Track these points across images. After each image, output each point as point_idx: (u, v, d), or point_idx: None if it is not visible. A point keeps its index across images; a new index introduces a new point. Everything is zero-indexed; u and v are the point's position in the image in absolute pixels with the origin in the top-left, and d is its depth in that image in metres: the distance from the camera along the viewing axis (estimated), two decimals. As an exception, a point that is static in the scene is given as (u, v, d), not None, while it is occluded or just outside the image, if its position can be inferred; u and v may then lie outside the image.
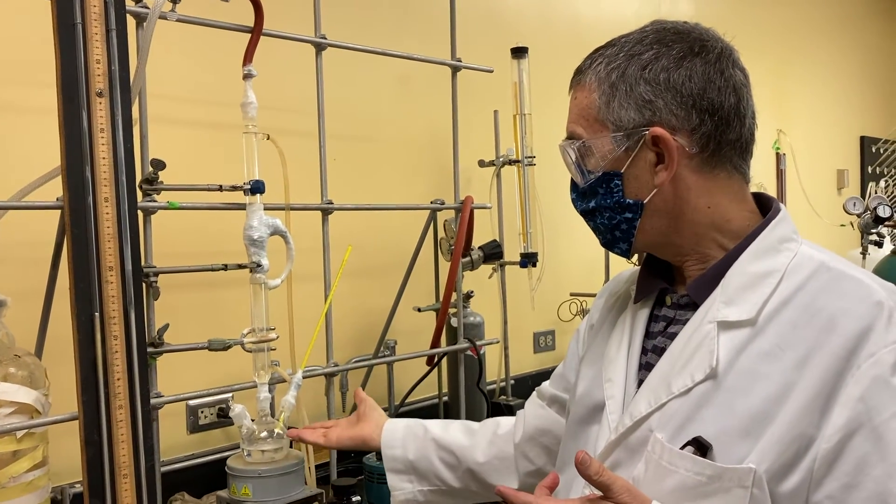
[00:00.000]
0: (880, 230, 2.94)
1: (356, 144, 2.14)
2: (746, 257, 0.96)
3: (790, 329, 0.89)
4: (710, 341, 0.92)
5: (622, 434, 0.97)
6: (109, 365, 1.17)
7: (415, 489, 1.31)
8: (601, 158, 0.99)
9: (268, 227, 1.42)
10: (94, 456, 1.16)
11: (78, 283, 1.14)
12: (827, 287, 0.91)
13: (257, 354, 1.42)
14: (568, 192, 1.09)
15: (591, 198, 1.02)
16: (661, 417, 0.93)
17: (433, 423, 1.35)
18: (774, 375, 0.87)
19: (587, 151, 1.00)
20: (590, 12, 2.93)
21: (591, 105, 1.00)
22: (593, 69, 1.01)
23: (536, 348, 2.71)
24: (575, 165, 1.02)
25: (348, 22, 2.06)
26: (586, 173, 1.01)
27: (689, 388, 0.92)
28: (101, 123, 1.17)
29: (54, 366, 1.33)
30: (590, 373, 1.11)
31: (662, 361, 0.97)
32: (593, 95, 1.00)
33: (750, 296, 0.93)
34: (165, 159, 1.40)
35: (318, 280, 1.71)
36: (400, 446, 1.32)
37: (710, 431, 0.89)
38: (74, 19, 1.14)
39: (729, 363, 0.91)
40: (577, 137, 1.01)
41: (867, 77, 4.89)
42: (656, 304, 1.07)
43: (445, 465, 1.30)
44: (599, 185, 1.00)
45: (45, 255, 1.33)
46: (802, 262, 0.95)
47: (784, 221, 0.99)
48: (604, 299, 1.22)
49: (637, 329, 1.06)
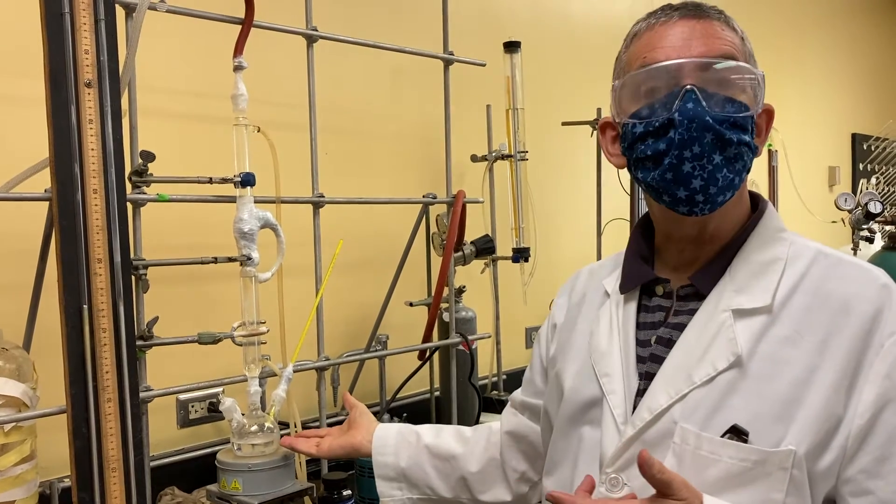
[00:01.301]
0: (871, 226, 2.95)
1: (348, 138, 2.13)
2: (750, 247, 0.99)
3: (804, 314, 0.93)
4: (727, 330, 0.94)
5: (641, 428, 0.95)
6: (98, 358, 1.16)
7: (404, 496, 1.30)
8: (756, 99, 0.96)
9: (258, 220, 1.42)
10: (82, 450, 1.15)
11: (66, 275, 1.13)
12: (830, 273, 0.95)
13: (248, 348, 1.41)
14: (559, 182, 1.07)
15: (740, 130, 0.93)
16: (683, 408, 0.93)
17: (425, 430, 1.33)
18: (797, 359, 0.90)
19: (752, 82, 0.95)
20: (582, 7, 2.93)
21: (742, 48, 0.98)
22: (732, 20, 0.99)
23: (529, 343, 2.71)
24: (734, 85, 0.94)
25: (340, 14, 2.05)
26: (742, 104, 0.94)
27: (711, 377, 0.93)
28: (90, 115, 1.16)
29: (42, 359, 1.32)
30: (573, 369, 1.09)
31: (676, 352, 0.97)
32: (741, 43, 0.98)
33: (760, 284, 0.95)
34: (155, 151, 1.39)
35: (310, 274, 1.70)
36: (392, 453, 1.30)
37: (741, 418, 0.90)
38: (62, 9, 1.12)
39: (751, 350, 0.92)
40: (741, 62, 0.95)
41: (858, 75, 4.90)
42: (643, 295, 1.06)
43: (438, 474, 1.29)
44: (751, 124, 0.95)
45: (33, 247, 1.32)
46: (800, 250, 0.98)
47: (774, 213, 1.03)
48: (565, 298, 1.21)
49: (628, 321, 1.05)
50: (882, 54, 5.21)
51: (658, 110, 0.94)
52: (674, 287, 1.03)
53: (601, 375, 1.03)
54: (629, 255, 1.09)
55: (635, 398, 0.99)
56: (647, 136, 0.95)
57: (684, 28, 0.95)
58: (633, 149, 0.97)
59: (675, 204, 0.95)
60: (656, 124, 0.93)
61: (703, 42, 0.94)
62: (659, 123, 0.93)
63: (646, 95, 0.96)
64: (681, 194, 0.93)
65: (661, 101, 0.94)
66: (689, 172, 0.92)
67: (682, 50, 0.94)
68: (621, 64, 1.03)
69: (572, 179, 2.77)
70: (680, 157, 0.92)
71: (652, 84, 0.95)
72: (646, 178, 0.97)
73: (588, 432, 1.03)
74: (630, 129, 0.97)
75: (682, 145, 0.91)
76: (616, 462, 0.97)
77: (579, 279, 1.22)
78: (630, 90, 0.98)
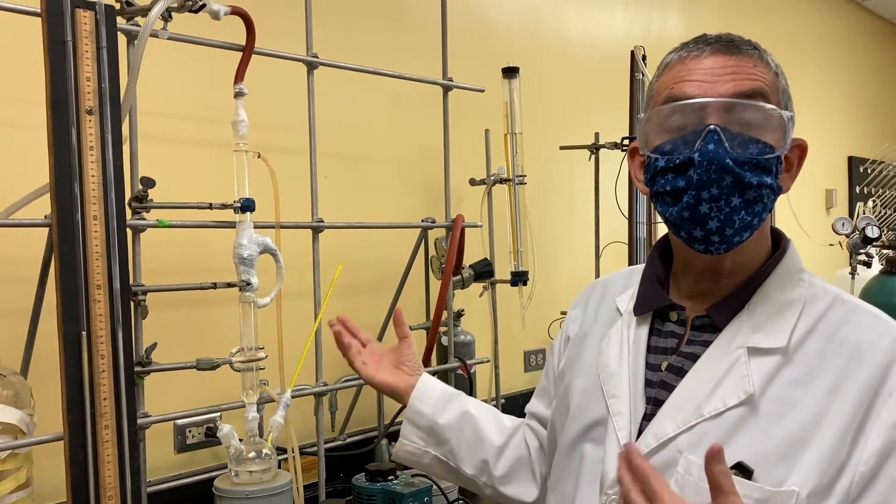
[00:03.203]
0: (869, 250, 2.95)
1: (347, 162, 2.14)
2: (771, 286, 0.99)
3: (818, 358, 0.93)
4: (741, 367, 0.94)
5: (646, 454, 0.95)
6: (96, 384, 1.16)
7: (426, 448, 1.25)
8: (783, 139, 0.94)
9: (258, 246, 1.42)
10: (78, 477, 1.14)
11: (65, 301, 1.14)
12: (847, 319, 0.95)
13: (246, 374, 1.41)
14: (557, 206, 1.07)
15: (762, 172, 0.92)
16: (689, 439, 0.93)
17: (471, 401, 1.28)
18: (807, 402, 0.90)
19: (779, 122, 0.94)
20: (580, 32, 2.95)
21: (776, 84, 0.97)
22: (767, 54, 0.98)
23: (527, 367, 2.70)
24: (760, 126, 0.93)
25: (340, 40, 2.06)
26: (767, 145, 0.93)
27: (720, 411, 0.93)
28: (91, 141, 1.17)
29: (40, 385, 1.32)
30: (579, 386, 1.09)
31: (687, 382, 0.97)
32: (775, 78, 0.97)
33: (778, 323, 0.96)
34: (155, 177, 1.39)
35: (309, 298, 1.70)
36: (431, 405, 1.25)
37: (746, 455, 0.90)
38: (65, 37, 1.14)
39: (762, 389, 0.92)
40: (767, 100, 0.94)
41: (854, 98, 4.94)
42: (657, 318, 1.06)
43: (468, 447, 1.24)
44: (776, 164, 0.94)
45: (32, 272, 1.32)
46: (818, 294, 0.99)
47: (795, 253, 1.03)
48: (579, 310, 1.20)
49: (639, 343, 1.04)
50: (878, 78, 5.25)
51: (680, 147, 0.94)
52: (689, 315, 1.02)
53: (608, 396, 1.03)
54: (646, 277, 1.09)
55: (641, 422, 0.99)
56: (668, 172, 0.95)
57: (714, 63, 0.94)
58: (655, 182, 0.97)
59: (691, 241, 0.95)
60: (677, 161, 0.93)
61: (732, 79, 0.93)
62: (679, 161, 0.93)
63: (669, 131, 0.96)
64: (697, 234, 0.93)
65: (684, 138, 0.93)
66: (706, 213, 0.92)
67: (709, 87, 0.93)
68: (651, 93, 1.03)
69: (570, 203, 2.78)
70: (697, 198, 0.92)
71: (675, 120, 0.95)
72: (664, 212, 0.97)
73: (590, 450, 1.03)
74: (653, 161, 0.97)
75: (700, 186, 0.91)
76: (617, 484, 0.96)
77: (594, 292, 1.21)
78: (655, 123, 0.98)
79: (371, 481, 1.61)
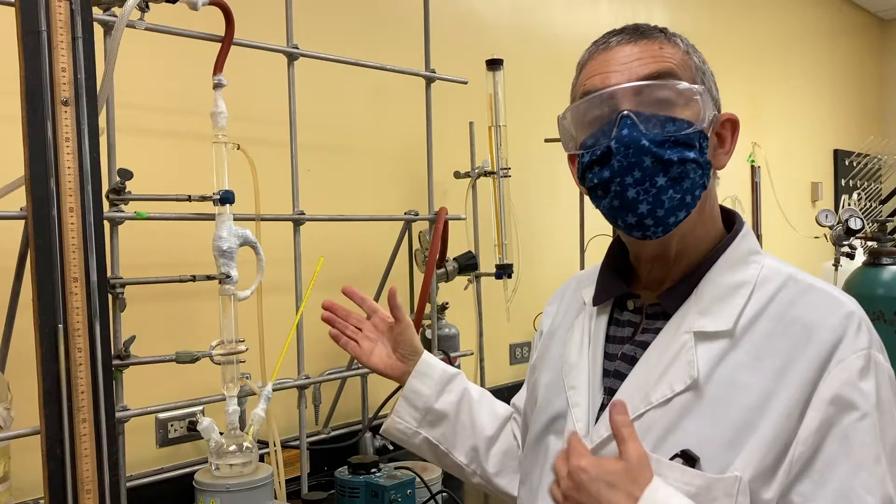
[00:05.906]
0: (852, 242, 2.97)
1: (330, 155, 2.13)
2: (719, 269, 0.98)
3: (766, 339, 0.91)
4: (687, 352, 0.93)
5: (598, 444, 0.96)
6: (73, 378, 1.14)
7: (418, 428, 1.24)
8: (700, 114, 0.94)
9: (237, 238, 1.41)
10: (56, 471, 1.13)
11: (41, 294, 1.12)
12: (798, 299, 0.94)
13: (226, 367, 1.40)
14: (542, 199, 1.06)
15: (684, 148, 0.92)
16: (639, 427, 0.92)
17: (473, 388, 1.28)
18: (754, 385, 0.89)
19: (692, 97, 0.94)
20: (565, 23, 2.94)
21: (687, 62, 0.97)
22: (676, 36, 0.99)
23: (513, 359, 2.70)
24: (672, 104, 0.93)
25: (321, 31, 2.05)
26: (683, 121, 0.93)
27: (668, 398, 0.92)
28: (67, 133, 1.15)
29: (17, 379, 1.31)
30: (545, 380, 1.10)
31: (637, 371, 0.97)
32: (686, 56, 0.97)
33: (725, 307, 0.95)
34: (133, 169, 1.38)
35: (290, 291, 1.69)
36: (430, 387, 1.24)
37: (693, 442, 0.89)
38: (39, 27, 1.12)
39: (708, 374, 0.92)
40: (676, 79, 0.94)
41: (840, 92, 4.96)
42: (616, 308, 1.06)
43: (462, 434, 1.24)
44: (698, 139, 0.93)
45: (8, 265, 1.31)
46: (770, 275, 0.97)
47: (749, 235, 1.01)
48: (553, 306, 1.21)
49: (598, 334, 1.05)
50: (864, 71, 5.27)
51: (600, 139, 0.94)
52: (644, 303, 1.03)
53: (568, 388, 1.03)
54: (604, 267, 1.09)
55: (598, 412, 0.99)
56: (594, 165, 0.95)
57: (622, 52, 0.96)
58: (585, 178, 0.98)
59: (628, 230, 0.95)
60: (598, 153, 0.94)
61: (639, 64, 0.94)
62: (601, 152, 0.93)
63: (589, 125, 0.97)
64: (630, 220, 0.93)
65: (602, 129, 0.94)
66: (635, 198, 0.92)
67: (618, 76, 0.94)
68: (572, 94, 1.04)
69: (555, 196, 2.78)
70: (623, 184, 0.92)
71: (591, 114, 0.96)
72: (598, 206, 0.98)
73: (553, 442, 1.04)
74: (580, 158, 0.98)
75: (622, 172, 0.92)
76: None
77: (569, 287, 1.21)
78: (572, 121, 0.99)
79: (354, 474, 1.61)
